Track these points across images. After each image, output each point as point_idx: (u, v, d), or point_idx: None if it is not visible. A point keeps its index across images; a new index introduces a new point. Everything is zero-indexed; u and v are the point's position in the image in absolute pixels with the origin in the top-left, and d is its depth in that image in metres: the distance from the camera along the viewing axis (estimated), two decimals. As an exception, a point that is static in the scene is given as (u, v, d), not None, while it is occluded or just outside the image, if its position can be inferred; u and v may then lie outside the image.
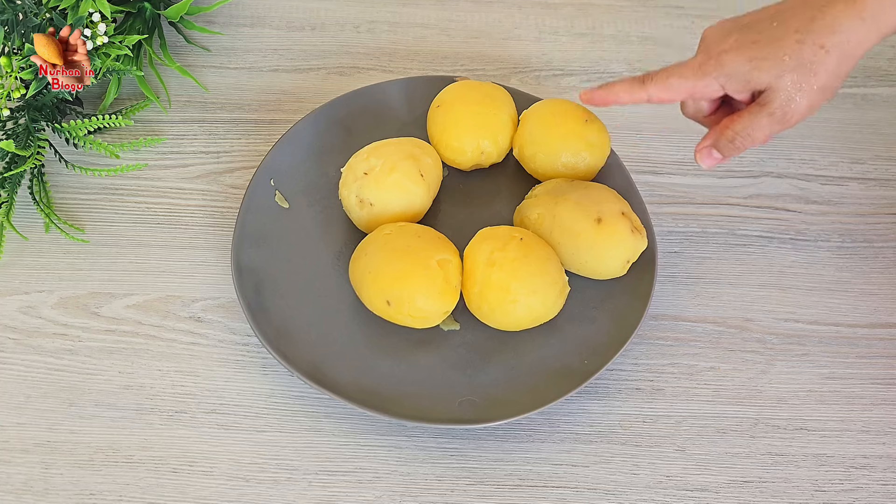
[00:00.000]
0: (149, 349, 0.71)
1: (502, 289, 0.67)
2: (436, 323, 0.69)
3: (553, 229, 0.71)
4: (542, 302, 0.68)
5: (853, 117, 0.87)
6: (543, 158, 0.75)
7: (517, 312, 0.68)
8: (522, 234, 0.69)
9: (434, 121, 0.78)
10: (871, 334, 0.74)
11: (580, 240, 0.70)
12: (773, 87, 0.63)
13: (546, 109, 0.77)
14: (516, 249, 0.68)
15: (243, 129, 0.84)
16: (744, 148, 0.66)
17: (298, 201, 0.77)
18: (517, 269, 0.67)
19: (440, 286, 0.67)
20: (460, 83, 0.80)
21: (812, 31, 0.62)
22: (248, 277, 0.71)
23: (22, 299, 0.73)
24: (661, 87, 0.66)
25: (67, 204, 0.79)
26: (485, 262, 0.68)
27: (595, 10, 0.95)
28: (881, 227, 0.80)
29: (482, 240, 0.70)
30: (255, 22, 0.92)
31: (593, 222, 0.70)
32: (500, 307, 0.68)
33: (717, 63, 0.64)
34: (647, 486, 0.67)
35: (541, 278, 0.68)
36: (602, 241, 0.70)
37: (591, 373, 0.67)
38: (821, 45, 0.62)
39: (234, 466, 0.66)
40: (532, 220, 0.72)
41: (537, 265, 0.68)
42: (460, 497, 0.66)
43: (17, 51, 0.76)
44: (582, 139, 0.75)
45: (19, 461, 0.66)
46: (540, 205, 0.72)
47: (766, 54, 0.62)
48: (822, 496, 0.67)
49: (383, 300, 0.68)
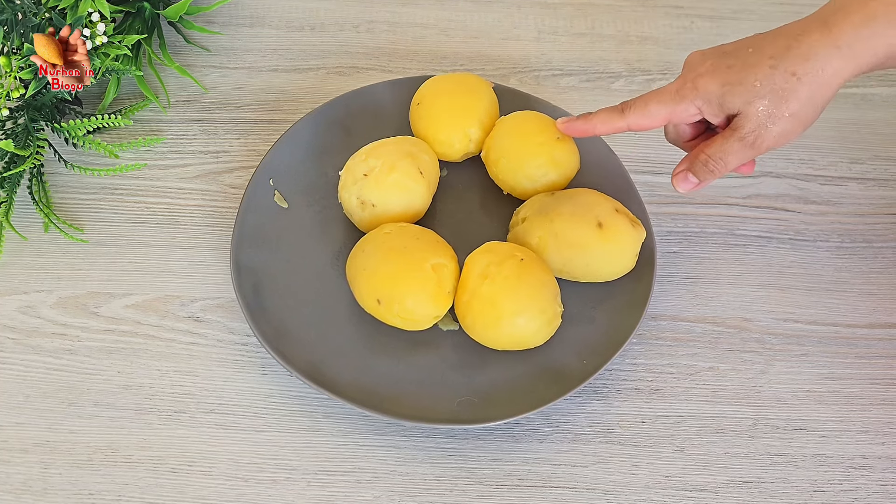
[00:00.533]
0: (148, 349, 0.71)
1: (489, 303, 0.67)
2: (425, 326, 0.69)
3: (560, 247, 0.70)
4: (526, 325, 0.67)
5: (852, 117, 0.87)
6: (506, 165, 0.75)
7: (499, 330, 0.67)
8: (525, 255, 0.69)
9: (417, 119, 0.78)
10: (870, 334, 0.74)
11: (588, 249, 0.70)
12: (744, 112, 0.64)
13: (521, 119, 0.77)
14: (513, 268, 0.67)
15: (242, 129, 0.84)
16: (718, 173, 0.67)
17: (297, 201, 0.77)
18: (508, 287, 0.66)
19: (431, 290, 0.67)
20: (434, 78, 0.80)
21: (786, 58, 0.62)
22: (247, 277, 0.71)
23: (21, 299, 0.73)
24: (640, 114, 0.67)
25: (67, 204, 0.79)
26: (479, 273, 0.68)
27: (595, 10, 0.95)
28: (880, 227, 0.80)
29: (483, 252, 0.69)
30: (254, 22, 0.92)
31: (595, 228, 0.70)
32: (483, 321, 0.67)
33: (692, 87, 0.65)
34: (646, 486, 0.67)
35: (530, 302, 0.67)
36: (609, 244, 0.70)
37: (590, 373, 0.67)
38: (792, 72, 0.62)
39: (233, 466, 0.66)
40: (534, 244, 0.71)
41: (530, 288, 0.67)
42: (459, 497, 0.66)
43: (16, 50, 0.76)
44: (548, 156, 0.75)
45: (18, 461, 0.66)
46: (536, 227, 0.71)
47: (738, 79, 0.63)
48: (821, 496, 0.67)
49: (374, 298, 0.68)
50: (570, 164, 0.75)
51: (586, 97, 0.88)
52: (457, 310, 0.69)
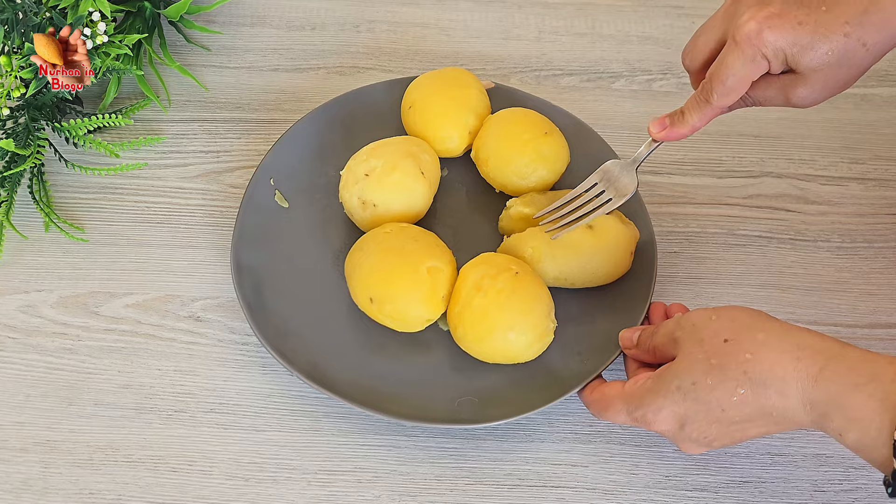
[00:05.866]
0: (148, 348, 0.71)
1: (481, 315, 0.66)
2: (416, 329, 0.69)
3: (554, 255, 0.70)
4: (517, 340, 0.66)
5: (853, 117, 0.87)
6: (495, 164, 0.76)
7: (490, 343, 0.66)
8: (520, 269, 0.68)
9: (413, 122, 0.78)
10: (870, 335, 0.74)
11: (582, 252, 0.70)
12: (804, 75, 0.60)
13: (508, 117, 0.77)
14: (507, 281, 0.66)
15: (243, 129, 0.84)
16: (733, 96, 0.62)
17: (298, 201, 0.77)
18: (501, 300, 0.66)
19: (424, 293, 0.67)
20: (418, 79, 0.80)
21: (861, 25, 0.57)
22: (248, 277, 0.71)
23: (22, 298, 0.73)
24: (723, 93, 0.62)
25: (67, 203, 0.79)
26: (472, 284, 0.67)
27: (595, 10, 0.95)
28: (881, 228, 0.80)
29: (479, 262, 0.69)
30: (255, 21, 0.92)
31: (586, 231, 0.70)
32: (474, 333, 0.67)
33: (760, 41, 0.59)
34: (647, 485, 0.67)
35: (522, 316, 0.66)
36: (602, 244, 0.70)
37: (591, 373, 0.67)
38: (864, 42, 0.58)
39: (234, 466, 0.66)
40: (528, 255, 0.70)
41: (522, 303, 0.66)
42: (459, 497, 0.66)
43: (16, 50, 0.76)
44: (536, 152, 0.75)
45: (18, 460, 0.66)
46: (529, 238, 0.71)
47: (810, 43, 0.58)
48: (821, 496, 0.67)
49: (367, 296, 0.68)
50: (558, 158, 0.76)
51: (587, 97, 0.88)
52: (449, 320, 0.69)
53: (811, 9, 0.58)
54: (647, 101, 0.88)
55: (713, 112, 0.64)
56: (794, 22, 0.58)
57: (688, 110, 0.65)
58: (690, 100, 0.65)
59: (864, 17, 0.57)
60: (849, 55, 0.58)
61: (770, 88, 0.63)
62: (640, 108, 0.87)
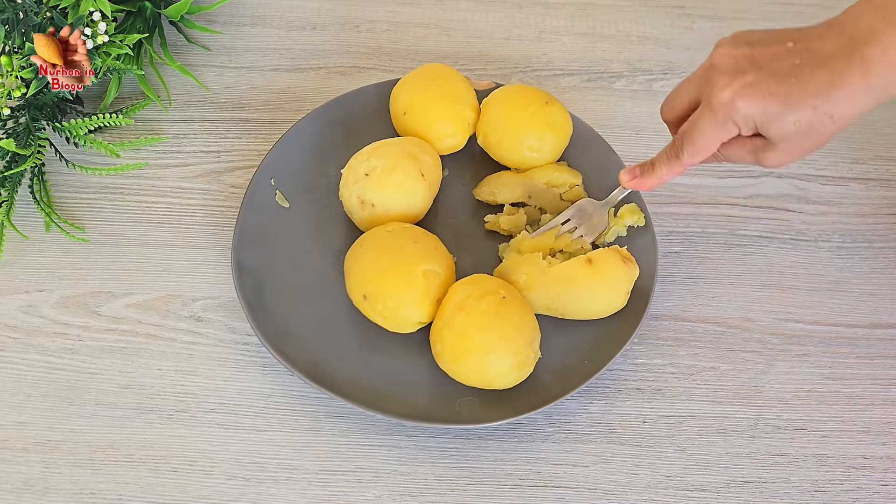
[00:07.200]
0: (149, 348, 0.71)
1: (460, 335, 0.65)
2: (408, 330, 0.69)
3: (547, 283, 0.69)
4: (495, 365, 0.65)
5: (853, 117, 0.87)
6: (509, 144, 0.76)
7: (467, 365, 0.65)
8: (508, 294, 0.67)
9: (411, 127, 0.78)
10: (871, 335, 0.74)
11: (577, 285, 0.69)
12: (773, 141, 0.62)
13: (506, 95, 0.78)
14: (492, 304, 0.65)
15: (244, 129, 0.84)
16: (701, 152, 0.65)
17: (299, 201, 0.77)
18: (482, 322, 0.65)
19: (416, 295, 0.67)
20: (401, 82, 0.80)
21: (829, 100, 0.59)
22: (249, 277, 0.71)
23: (22, 298, 0.73)
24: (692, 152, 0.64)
25: (68, 203, 0.79)
26: (456, 303, 0.66)
27: (595, 10, 0.95)
28: (881, 228, 0.80)
29: (468, 282, 0.68)
30: (255, 21, 0.92)
31: (584, 264, 0.69)
32: (451, 352, 0.66)
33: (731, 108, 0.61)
34: (647, 486, 0.67)
35: (502, 341, 0.64)
36: (599, 281, 0.69)
37: (591, 373, 0.67)
38: (830, 115, 0.60)
39: (234, 466, 0.66)
40: (522, 282, 0.69)
41: (505, 327, 0.65)
42: (460, 497, 0.66)
43: (17, 50, 0.76)
44: (544, 121, 0.76)
45: (19, 460, 0.66)
46: (524, 263, 0.70)
47: (779, 113, 0.60)
48: (822, 496, 0.67)
49: (361, 293, 0.68)
50: (565, 124, 0.77)
51: (587, 97, 0.88)
52: (430, 335, 0.68)
53: (782, 79, 0.60)
54: (648, 100, 0.88)
55: (682, 167, 0.66)
56: (766, 91, 0.60)
57: (658, 164, 0.68)
58: (661, 153, 0.67)
59: (832, 91, 0.59)
60: (815, 126, 0.60)
61: (741, 149, 0.64)
62: (640, 108, 0.87)
